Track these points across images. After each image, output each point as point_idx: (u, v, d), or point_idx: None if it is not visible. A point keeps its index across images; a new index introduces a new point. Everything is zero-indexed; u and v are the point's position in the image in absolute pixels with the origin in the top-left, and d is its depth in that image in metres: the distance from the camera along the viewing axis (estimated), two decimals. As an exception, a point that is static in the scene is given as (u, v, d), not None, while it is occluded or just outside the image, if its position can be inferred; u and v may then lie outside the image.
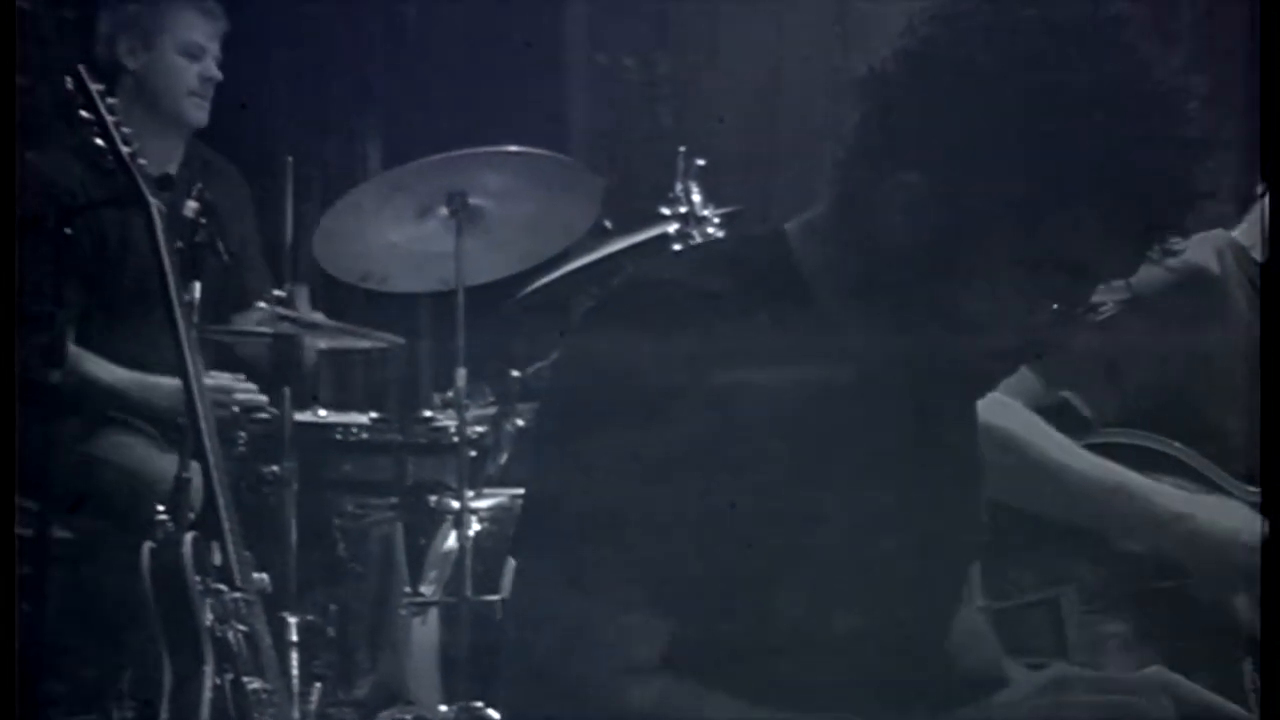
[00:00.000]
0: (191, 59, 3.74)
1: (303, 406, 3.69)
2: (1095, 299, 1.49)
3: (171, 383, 3.42)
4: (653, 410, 1.45)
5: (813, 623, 1.51)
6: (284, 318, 3.50)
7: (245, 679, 2.85)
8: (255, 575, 2.96)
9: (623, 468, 1.44)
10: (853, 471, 1.51)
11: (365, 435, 3.79)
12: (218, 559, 2.89)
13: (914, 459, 1.56)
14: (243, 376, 3.61)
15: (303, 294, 3.80)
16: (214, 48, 3.78)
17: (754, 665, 1.49)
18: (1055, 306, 1.47)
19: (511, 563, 3.47)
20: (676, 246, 3.67)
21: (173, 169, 3.71)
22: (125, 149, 3.11)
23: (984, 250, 1.45)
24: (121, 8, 3.77)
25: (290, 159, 3.63)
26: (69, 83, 3.14)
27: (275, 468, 3.46)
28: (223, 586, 2.86)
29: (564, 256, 3.86)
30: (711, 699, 1.46)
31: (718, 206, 3.76)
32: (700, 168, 3.75)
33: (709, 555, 1.46)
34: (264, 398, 3.62)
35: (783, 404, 1.47)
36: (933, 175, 1.44)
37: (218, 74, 3.77)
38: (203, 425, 2.97)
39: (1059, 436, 2.26)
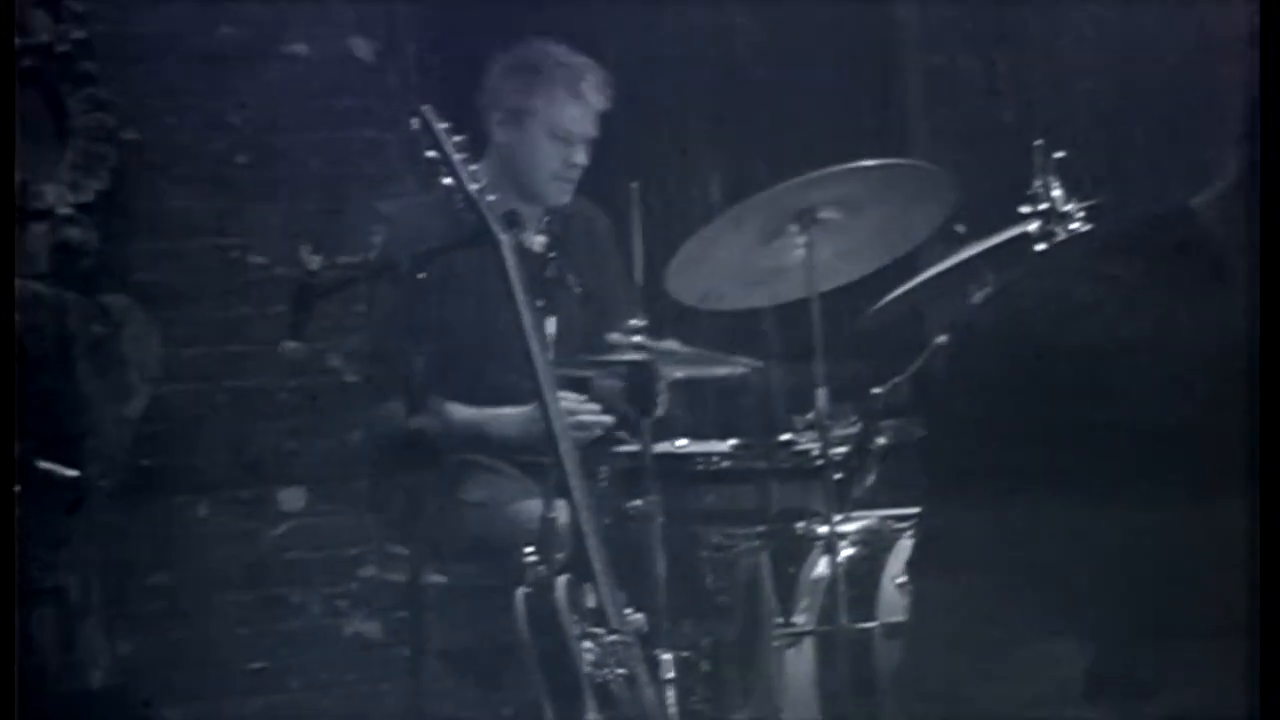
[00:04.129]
0: (561, 142, 3.66)
1: (661, 437, 3.63)
2: None
3: (521, 412, 3.39)
4: (1056, 418, 1.32)
5: (1237, 643, 1.34)
6: (639, 347, 3.44)
7: (628, 723, 2.80)
8: (630, 615, 2.90)
9: (1029, 482, 1.32)
10: None
11: (726, 464, 3.69)
12: (591, 601, 2.84)
13: None
14: (585, 398, 3.56)
15: None
16: (586, 131, 3.68)
17: (1172, 692, 1.35)
18: None
19: (887, 586, 3.40)
20: (1039, 246, 3.49)
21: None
22: (473, 186, 3.09)
23: None
24: (500, 81, 3.72)
25: (635, 185, 3.57)
26: (415, 124, 3.14)
27: (639, 502, 3.39)
28: (599, 630, 2.81)
29: (916, 265, 3.73)
30: None
31: (1079, 200, 3.56)
32: (1058, 161, 3.55)
33: (1130, 575, 1.33)
34: (609, 418, 3.56)
35: (1197, 399, 1.31)
36: None
37: (584, 161, 3.68)
38: (567, 463, 2.93)
39: None
